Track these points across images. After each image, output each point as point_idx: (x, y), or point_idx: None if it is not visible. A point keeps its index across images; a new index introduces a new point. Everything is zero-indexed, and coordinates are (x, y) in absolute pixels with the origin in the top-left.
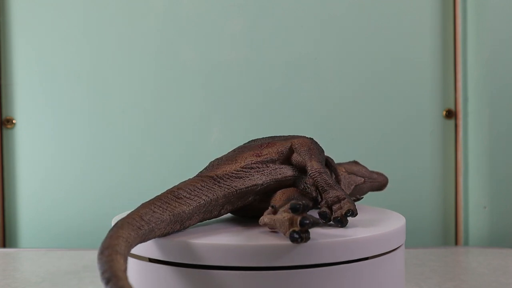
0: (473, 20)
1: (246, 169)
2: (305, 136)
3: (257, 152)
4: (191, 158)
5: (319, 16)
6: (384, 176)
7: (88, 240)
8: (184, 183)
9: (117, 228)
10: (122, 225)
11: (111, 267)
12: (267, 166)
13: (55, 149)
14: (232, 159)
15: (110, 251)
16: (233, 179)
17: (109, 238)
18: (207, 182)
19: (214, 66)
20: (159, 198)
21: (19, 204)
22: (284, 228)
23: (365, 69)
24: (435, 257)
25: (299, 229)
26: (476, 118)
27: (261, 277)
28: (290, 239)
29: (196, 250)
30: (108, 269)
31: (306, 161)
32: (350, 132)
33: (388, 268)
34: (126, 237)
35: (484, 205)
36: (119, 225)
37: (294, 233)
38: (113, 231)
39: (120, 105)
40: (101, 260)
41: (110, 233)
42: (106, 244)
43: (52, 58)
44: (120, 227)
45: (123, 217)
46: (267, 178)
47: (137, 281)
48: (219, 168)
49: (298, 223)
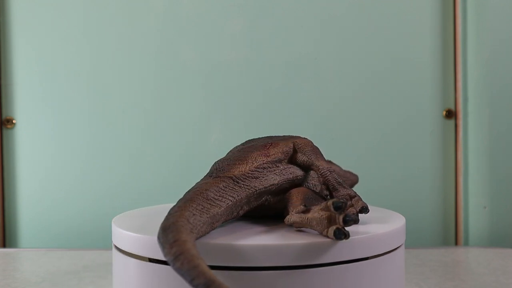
0: (473, 20)
1: (260, 169)
2: (299, 136)
3: (264, 152)
4: (191, 158)
5: (319, 16)
6: (355, 176)
7: (88, 240)
8: (205, 184)
9: (177, 234)
10: (179, 230)
11: (203, 273)
12: (276, 166)
13: (55, 149)
14: (242, 159)
15: (189, 257)
16: (251, 179)
17: (176, 245)
18: (227, 182)
19: (214, 66)
20: (192, 200)
21: (19, 204)
22: (321, 226)
23: (365, 69)
24: (435, 257)
25: (342, 226)
26: (476, 118)
27: (261, 277)
28: (335, 236)
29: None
30: (201, 274)
31: (313, 160)
32: (350, 132)
33: (388, 268)
34: (190, 240)
35: (484, 205)
36: (176, 230)
37: (338, 231)
38: (174, 238)
39: (120, 105)
40: (185, 268)
41: (173, 240)
42: (177, 251)
43: (52, 58)
44: (179, 231)
45: (168, 221)
46: (281, 178)
47: (137, 281)
48: (233, 168)
49: (341, 220)
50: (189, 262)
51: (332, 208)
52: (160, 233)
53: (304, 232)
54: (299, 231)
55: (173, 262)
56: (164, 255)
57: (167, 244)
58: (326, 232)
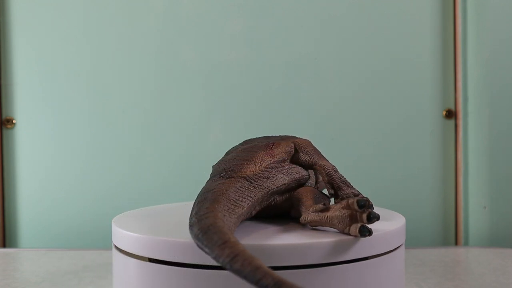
0: (473, 20)
1: (269, 169)
2: (295, 136)
3: (269, 152)
4: (191, 158)
5: (319, 16)
6: None
7: (88, 240)
8: (222, 184)
9: (223, 235)
10: (223, 231)
11: (269, 273)
12: (282, 166)
13: (55, 149)
14: (249, 160)
15: (248, 258)
16: (262, 179)
17: (228, 247)
18: (242, 183)
19: (214, 66)
20: (218, 201)
21: (19, 204)
22: (343, 224)
23: (365, 69)
24: (435, 257)
25: (366, 223)
26: (476, 118)
27: None
28: (360, 234)
29: (196, 250)
30: (268, 275)
31: (315, 160)
32: (350, 132)
33: (388, 268)
34: (234, 239)
35: (484, 205)
36: (220, 231)
37: (363, 228)
38: (222, 239)
39: (120, 105)
40: (247, 269)
41: (222, 242)
42: (231, 253)
43: (52, 58)
44: (223, 232)
45: (205, 223)
46: (289, 178)
47: (137, 281)
48: (243, 168)
49: (366, 218)
50: (250, 263)
51: (357, 206)
52: (200, 236)
53: (307, 231)
54: (314, 230)
55: (230, 264)
56: (214, 257)
57: (215, 246)
58: (348, 230)
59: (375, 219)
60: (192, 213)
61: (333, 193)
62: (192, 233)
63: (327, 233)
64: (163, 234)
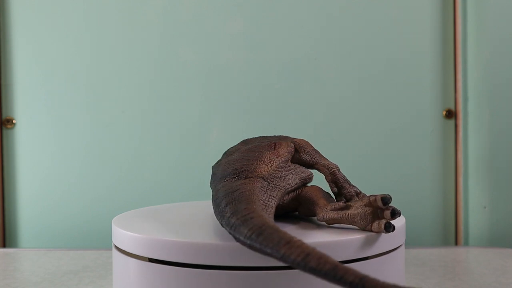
0: (473, 20)
1: (279, 168)
2: (288, 136)
3: (275, 152)
4: (191, 158)
5: (319, 16)
6: None
7: (88, 240)
8: (244, 184)
9: (283, 234)
10: (279, 230)
11: (337, 263)
12: (288, 165)
13: (55, 149)
14: (259, 160)
15: (323, 256)
16: (276, 179)
17: (295, 246)
18: (262, 183)
19: (214, 66)
20: (252, 201)
21: (19, 204)
22: (366, 221)
23: (365, 69)
24: (435, 257)
25: (390, 219)
26: (476, 118)
27: (262, 277)
28: (386, 229)
29: (197, 250)
30: (351, 272)
31: (317, 159)
32: (350, 132)
33: (388, 268)
34: (296, 238)
35: (484, 205)
36: (276, 230)
37: (388, 224)
38: (285, 238)
39: (119, 105)
40: (325, 268)
41: (287, 241)
42: (302, 251)
43: (52, 58)
44: (281, 231)
45: (253, 224)
46: (298, 177)
47: (137, 281)
48: (257, 168)
49: (390, 214)
50: (327, 260)
51: (381, 203)
52: (254, 236)
53: (307, 232)
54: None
55: (305, 262)
56: (280, 257)
57: (279, 245)
58: (371, 227)
59: (398, 215)
60: (226, 215)
61: (337, 191)
62: (240, 234)
63: (327, 234)
64: (163, 234)
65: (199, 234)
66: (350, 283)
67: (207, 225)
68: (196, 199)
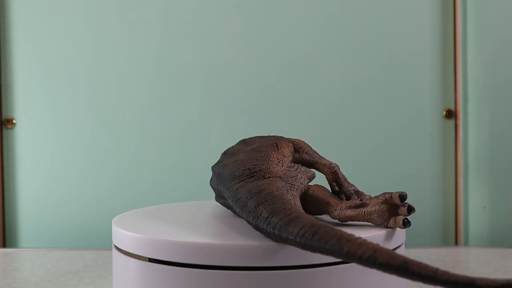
0: (473, 20)
1: (289, 168)
2: (283, 137)
3: (280, 152)
4: (191, 158)
5: (319, 16)
6: None
7: (88, 240)
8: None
9: (336, 231)
10: (329, 226)
11: (407, 258)
12: (293, 165)
13: (55, 149)
14: (268, 160)
15: (391, 253)
16: (290, 179)
17: (356, 244)
18: (281, 182)
19: (214, 66)
20: (286, 201)
21: (19, 204)
22: (382, 218)
23: (365, 69)
24: (435, 257)
25: (407, 215)
26: (476, 118)
27: (261, 277)
28: (404, 225)
29: (197, 250)
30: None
31: (316, 159)
32: (350, 132)
33: None
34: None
35: (484, 205)
36: (329, 227)
37: (406, 220)
38: (341, 233)
39: (120, 105)
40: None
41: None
42: (367, 249)
43: (52, 58)
44: (331, 228)
45: (302, 225)
46: (305, 176)
47: (137, 281)
48: (270, 168)
49: (407, 210)
50: (395, 256)
51: (399, 201)
52: (308, 235)
53: None
54: (345, 225)
55: (374, 258)
56: (345, 254)
57: (342, 243)
58: (387, 223)
59: (413, 211)
60: (262, 215)
61: (338, 190)
62: (289, 233)
63: None
64: (163, 234)
65: (199, 234)
66: (424, 276)
67: (207, 225)
68: (196, 199)
